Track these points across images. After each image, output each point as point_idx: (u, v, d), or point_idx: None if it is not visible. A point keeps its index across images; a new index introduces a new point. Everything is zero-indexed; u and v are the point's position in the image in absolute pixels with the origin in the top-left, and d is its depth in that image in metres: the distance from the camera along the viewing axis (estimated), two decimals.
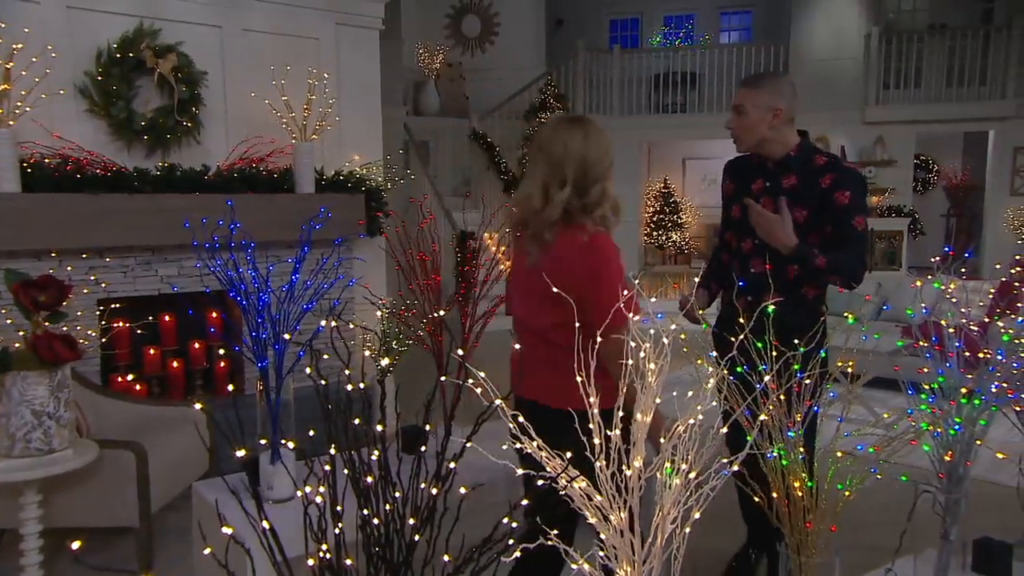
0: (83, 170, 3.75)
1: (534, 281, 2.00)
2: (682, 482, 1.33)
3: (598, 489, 1.35)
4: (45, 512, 2.82)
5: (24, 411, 2.66)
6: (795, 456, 1.55)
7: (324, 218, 2.63)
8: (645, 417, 1.19)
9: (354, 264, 4.58)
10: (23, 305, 2.75)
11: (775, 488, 1.52)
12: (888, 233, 9.89)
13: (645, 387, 1.18)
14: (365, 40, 4.90)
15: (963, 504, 1.84)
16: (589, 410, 1.10)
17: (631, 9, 13.74)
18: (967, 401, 1.69)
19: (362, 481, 0.95)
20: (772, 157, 2.67)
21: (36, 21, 3.70)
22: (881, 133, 10.34)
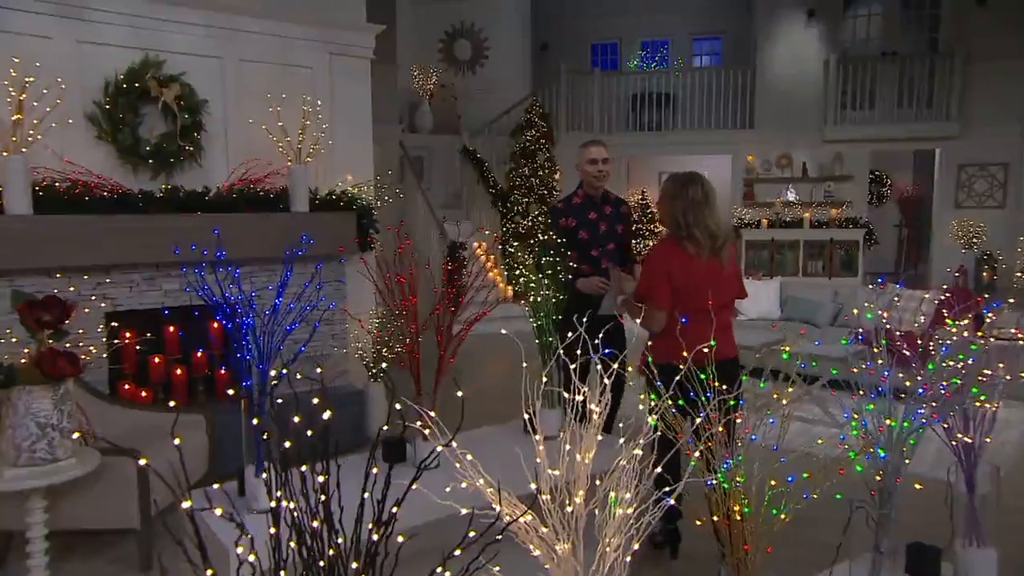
0: (91, 192, 3.71)
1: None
2: (624, 512, 1.31)
3: (544, 522, 1.33)
4: (51, 516, 2.79)
5: (29, 423, 2.62)
6: (736, 480, 1.53)
7: (306, 244, 2.59)
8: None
9: (347, 276, 4.54)
10: (28, 324, 2.72)
11: (716, 512, 1.50)
12: (845, 243, 9.91)
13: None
14: (357, 68, 4.86)
15: (893, 517, 1.83)
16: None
17: (611, 34, 13.73)
18: (896, 425, 1.68)
19: (306, 526, 0.92)
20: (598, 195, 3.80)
21: (48, 55, 3.66)
22: (839, 151, 10.37)
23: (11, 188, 3.44)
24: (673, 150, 11.61)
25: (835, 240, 9.91)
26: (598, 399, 1.33)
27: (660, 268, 2.86)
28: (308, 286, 2.41)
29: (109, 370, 3.81)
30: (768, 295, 6.92)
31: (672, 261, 2.84)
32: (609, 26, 13.59)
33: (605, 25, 13.57)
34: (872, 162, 10.76)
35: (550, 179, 10.04)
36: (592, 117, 11.19)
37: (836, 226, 9.96)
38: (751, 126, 10.87)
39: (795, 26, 10.75)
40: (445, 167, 10.57)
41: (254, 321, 2.26)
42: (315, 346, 4.42)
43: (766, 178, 10.84)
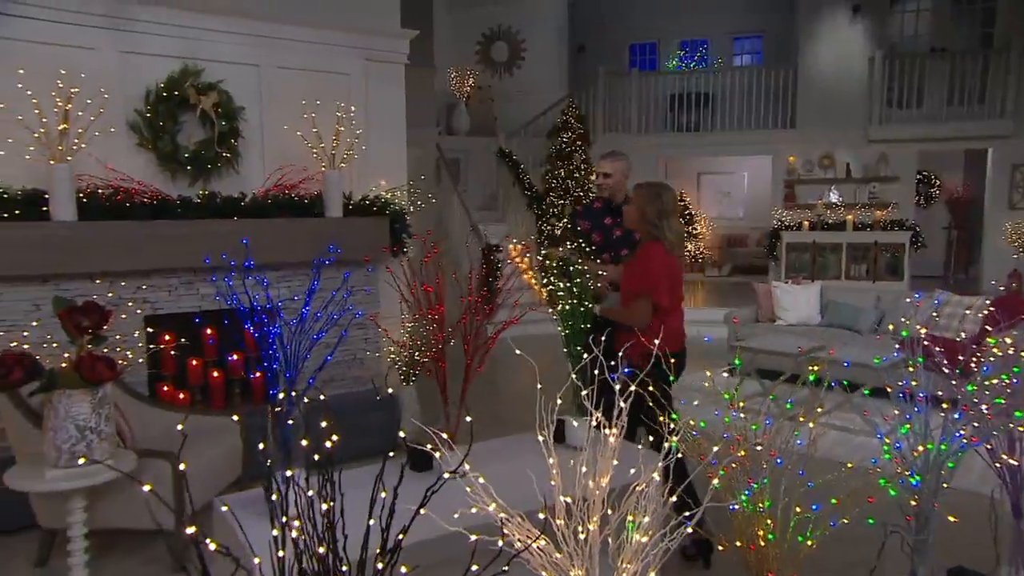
0: (132, 199, 3.79)
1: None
2: (641, 537, 1.28)
3: (558, 547, 1.30)
4: (89, 516, 2.85)
5: (69, 426, 2.69)
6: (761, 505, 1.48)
7: (334, 253, 2.60)
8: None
9: (379, 282, 4.56)
10: (68, 329, 2.78)
11: (740, 537, 1.45)
12: (891, 246, 9.62)
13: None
14: (391, 73, 4.89)
15: (931, 542, 1.75)
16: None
17: (649, 35, 13.59)
18: (932, 448, 1.60)
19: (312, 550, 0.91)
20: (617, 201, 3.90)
21: (92, 66, 3.75)
22: (884, 151, 10.07)
23: (57, 195, 3.53)
24: (712, 151, 11.44)
25: (880, 243, 9.62)
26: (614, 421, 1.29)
27: (660, 266, 3.13)
28: (335, 294, 2.42)
29: (148, 373, 3.89)
30: (808, 300, 6.74)
31: (666, 259, 3.17)
32: (647, 27, 13.44)
33: (643, 26, 13.42)
34: (919, 162, 10.42)
35: (586, 181, 9.96)
36: (629, 118, 11.08)
37: (881, 228, 9.67)
38: (792, 126, 10.63)
39: (839, 23, 10.48)
40: (481, 169, 10.58)
41: (281, 330, 2.27)
42: (349, 350, 4.46)
43: (808, 179, 10.58)
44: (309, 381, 2.20)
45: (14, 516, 3.29)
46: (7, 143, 3.50)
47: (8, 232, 3.41)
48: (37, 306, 3.56)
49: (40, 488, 2.71)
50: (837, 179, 10.42)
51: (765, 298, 6.90)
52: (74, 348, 2.78)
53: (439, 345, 2.44)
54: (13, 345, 3.28)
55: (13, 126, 3.46)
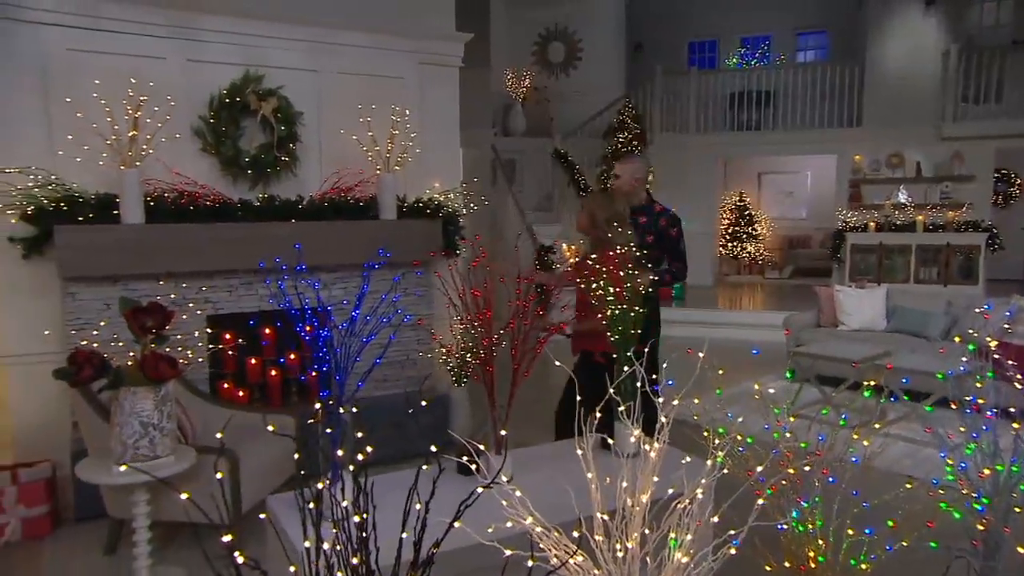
0: (196, 202, 3.92)
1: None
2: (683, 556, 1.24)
3: (597, 563, 1.27)
4: (153, 508, 2.97)
5: (133, 422, 2.80)
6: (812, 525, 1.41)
7: (384, 257, 2.63)
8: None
9: (431, 284, 4.59)
10: (133, 329, 2.90)
11: (788, 557, 1.39)
12: (965, 247, 9.16)
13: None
14: (445, 76, 4.92)
15: (1000, 569, 1.65)
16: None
17: (709, 32, 13.33)
18: (1003, 469, 1.50)
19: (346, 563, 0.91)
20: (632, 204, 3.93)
21: (160, 75, 3.89)
22: (958, 148, 9.60)
23: (126, 199, 3.68)
24: (773, 150, 11.15)
25: (952, 245, 9.18)
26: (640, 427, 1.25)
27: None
28: (385, 297, 2.44)
29: (209, 371, 4.02)
30: (873, 304, 6.47)
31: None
32: (707, 24, 13.18)
33: (702, 23, 13.17)
34: (997, 160, 9.89)
35: None
36: (687, 117, 10.90)
37: (954, 229, 9.22)
38: (859, 124, 10.25)
39: (911, 16, 10.05)
40: (537, 170, 10.58)
41: (331, 333, 2.30)
42: (402, 350, 4.51)
43: (875, 179, 10.18)
44: (358, 384, 2.22)
45: (88, 505, 3.44)
46: (83, 150, 3.66)
47: (82, 234, 3.57)
48: (108, 305, 3.72)
49: (106, 481, 2.84)
50: (906, 178, 9.99)
51: (827, 302, 6.66)
52: (139, 347, 2.90)
53: (486, 350, 2.43)
54: (84, 343, 3.44)
55: (89, 134, 3.62)
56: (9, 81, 3.63)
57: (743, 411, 1.80)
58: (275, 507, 2.39)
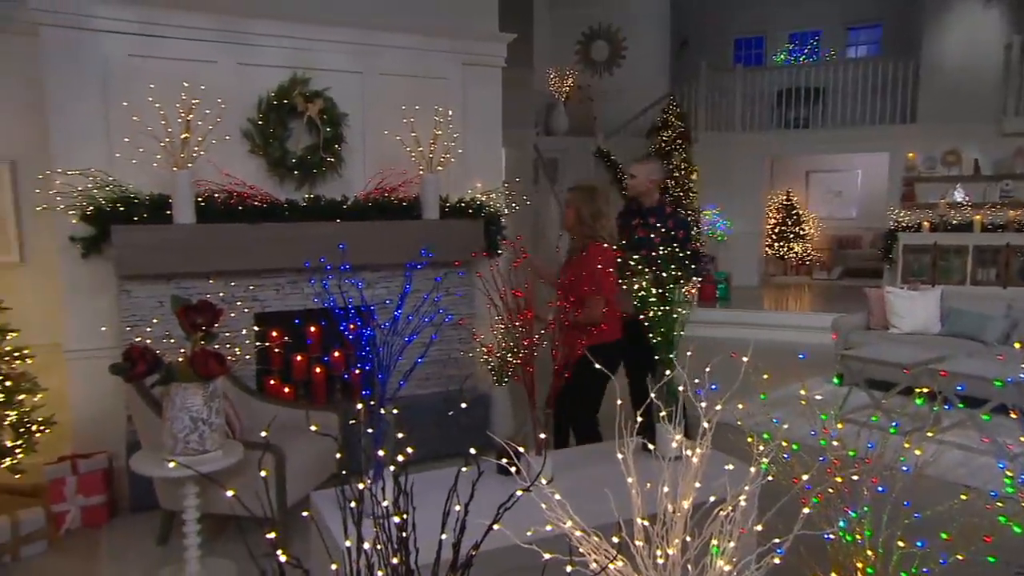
0: (244, 202, 4.01)
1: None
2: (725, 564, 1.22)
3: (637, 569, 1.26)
4: (202, 500, 3.05)
5: (184, 417, 2.88)
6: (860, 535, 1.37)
7: (426, 258, 2.65)
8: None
9: (472, 284, 4.61)
10: (184, 327, 2.98)
11: (834, 568, 1.36)
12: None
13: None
14: (488, 76, 4.93)
15: None
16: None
17: (755, 28, 13.08)
18: None
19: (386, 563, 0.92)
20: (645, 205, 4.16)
21: (211, 78, 4.00)
22: (1021, 145, 9.22)
23: (179, 200, 3.79)
24: (822, 148, 10.89)
25: (1012, 245, 8.80)
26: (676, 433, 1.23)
27: (607, 264, 3.42)
28: (427, 297, 2.46)
29: (257, 368, 4.11)
30: (926, 306, 6.26)
31: (609, 254, 3.47)
32: (754, 19, 12.94)
33: (749, 18, 12.94)
34: None
35: (687, 180, 9.71)
36: (733, 115, 10.71)
37: (1015, 229, 8.84)
38: (913, 120, 9.93)
39: (971, 7, 9.68)
40: (579, 169, 10.52)
41: (374, 332, 2.33)
42: (444, 349, 4.54)
43: (929, 176, 9.85)
44: (400, 383, 2.25)
45: (142, 496, 3.55)
46: (139, 152, 3.78)
47: (137, 234, 3.69)
48: (161, 303, 3.84)
49: (158, 473, 2.92)
50: (963, 176, 9.63)
51: (878, 304, 6.47)
52: (189, 344, 2.98)
53: (527, 350, 2.43)
54: (139, 340, 3.55)
55: (144, 137, 3.73)
56: (73, 87, 3.77)
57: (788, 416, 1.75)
58: (319, 503, 2.43)
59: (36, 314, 3.83)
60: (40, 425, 3.57)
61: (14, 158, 4.14)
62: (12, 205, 4.14)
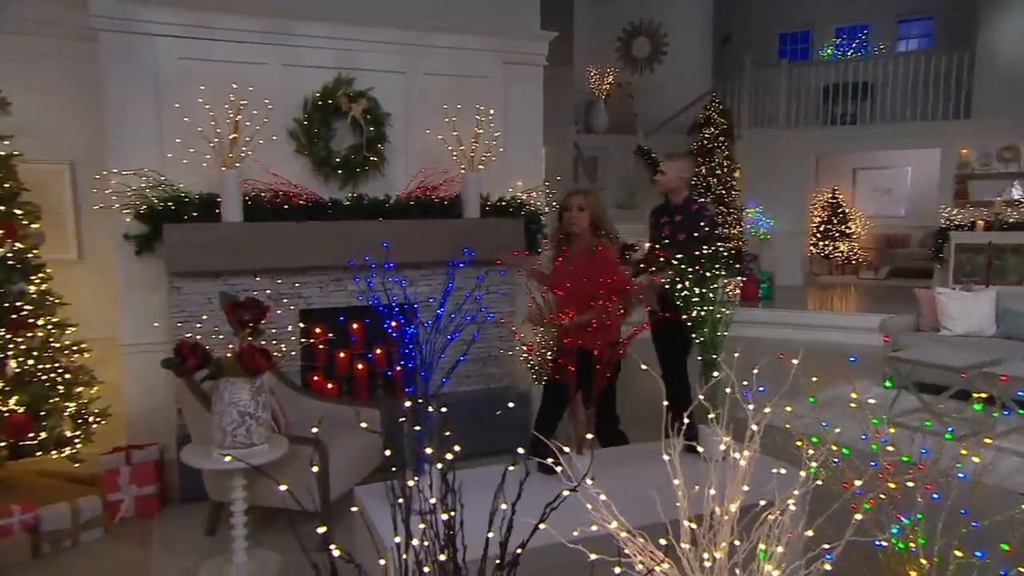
0: (290, 201, 4.09)
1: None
2: (773, 569, 1.20)
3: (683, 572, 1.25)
4: (249, 493, 3.11)
5: (232, 411, 2.94)
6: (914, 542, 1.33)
7: (468, 257, 2.66)
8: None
9: (514, 283, 4.61)
10: (232, 323, 3.05)
11: (887, 575, 1.32)
12: None
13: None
14: (530, 75, 4.93)
15: None
16: None
17: (801, 22, 12.80)
18: None
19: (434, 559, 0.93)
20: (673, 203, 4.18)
21: (259, 80, 4.08)
22: None
23: (227, 199, 3.88)
24: (870, 145, 10.61)
25: None
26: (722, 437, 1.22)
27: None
28: (469, 296, 2.47)
29: (301, 364, 4.18)
30: (980, 307, 6.06)
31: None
32: (800, 13, 12.67)
33: (795, 13, 12.67)
34: None
35: (729, 178, 9.57)
36: (777, 112, 10.50)
37: None
38: (967, 115, 9.61)
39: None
40: (619, 167, 10.47)
41: (417, 329, 2.35)
42: (484, 347, 4.56)
43: (984, 173, 9.51)
44: (443, 380, 2.26)
45: (191, 487, 3.65)
46: (189, 152, 3.88)
47: (187, 232, 3.79)
48: (209, 299, 3.93)
49: (207, 465, 3.00)
50: (1021, 172, 9.28)
51: (928, 305, 6.28)
52: (237, 340, 3.05)
53: (569, 349, 2.43)
54: (189, 335, 3.65)
55: (194, 137, 3.83)
56: (128, 90, 3.89)
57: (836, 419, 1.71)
58: (363, 498, 2.46)
59: (93, 309, 3.97)
60: (97, 417, 3.70)
61: (73, 159, 4.29)
62: (71, 204, 4.30)
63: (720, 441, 1.87)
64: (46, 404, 3.48)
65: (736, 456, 1.15)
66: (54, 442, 3.48)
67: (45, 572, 3.16)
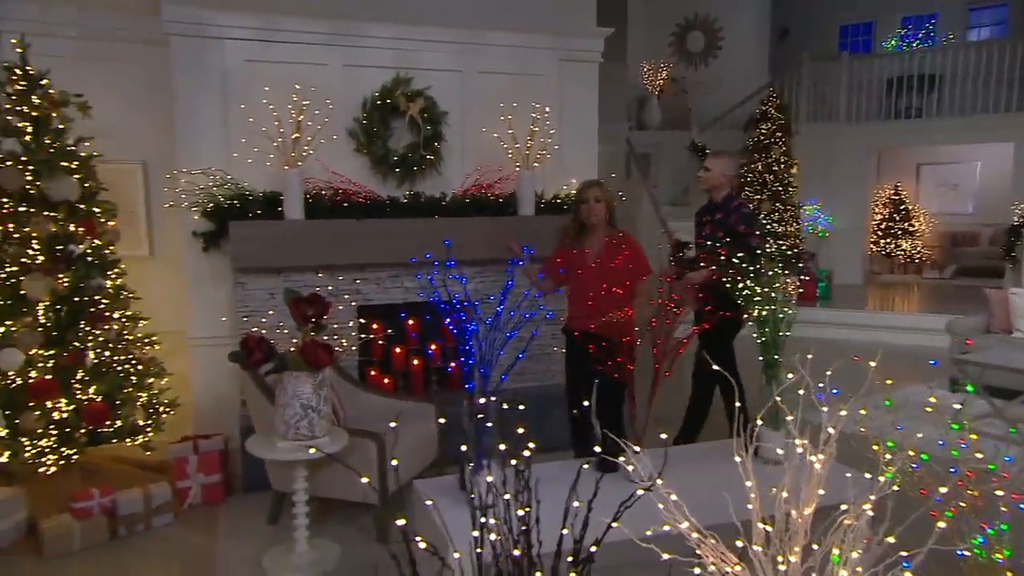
0: (349, 199, 4.17)
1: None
2: (850, 573, 1.18)
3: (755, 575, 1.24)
4: (311, 484, 3.20)
5: (295, 404, 3.02)
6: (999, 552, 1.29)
7: (528, 256, 2.67)
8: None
9: None
10: (296, 318, 3.13)
11: None
12: None
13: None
14: (585, 72, 4.91)
15: None
16: None
17: (864, 13, 12.39)
18: None
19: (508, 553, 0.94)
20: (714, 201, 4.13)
21: (321, 80, 4.17)
22: None
23: (289, 197, 3.98)
24: (937, 138, 10.20)
25: None
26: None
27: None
28: (528, 294, 2.48)
29: (359, 359, 4.26)
30: None
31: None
32: (863, 4, 12.27)
33: (857, 4, 12.27)
34: None
35: (786, 174, 9.34)
36: (838, 106, 10.20)
37: None
38: None
39: None
40: (672, 163, 10.33)
41: (478, 327, 2.37)
42: (540, 344, 4.56)
43: None
44: (502, 378, 2.28)
45: (254, 477, 3.76)
46: (254, 152, 3.99)
47: (252, 230, 3.90)
48: (272, 295, 4.04)
49: (271, 456, 3.08)
50: None
51: (999, 306, 6.02)
52: (300, 334, 3.13)
53: (628, 347, 2.42)
54: (254, 330, 3.76)
55: (259, 137, 3.94)
56: (197, 92, 4.03)
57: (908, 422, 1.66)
58: (426, 492, 2.50)
59: (163, 304, 4.12)
60: (166, 407, 3.85)
61: (145, 159, 4.47)
62: (143, 203, 4.48)
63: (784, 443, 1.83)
64: (121, 394, 3.64)
65: (812, 460, 1.13)
66: (128, 430, 3.63)
67: (121, 554, 3.30)
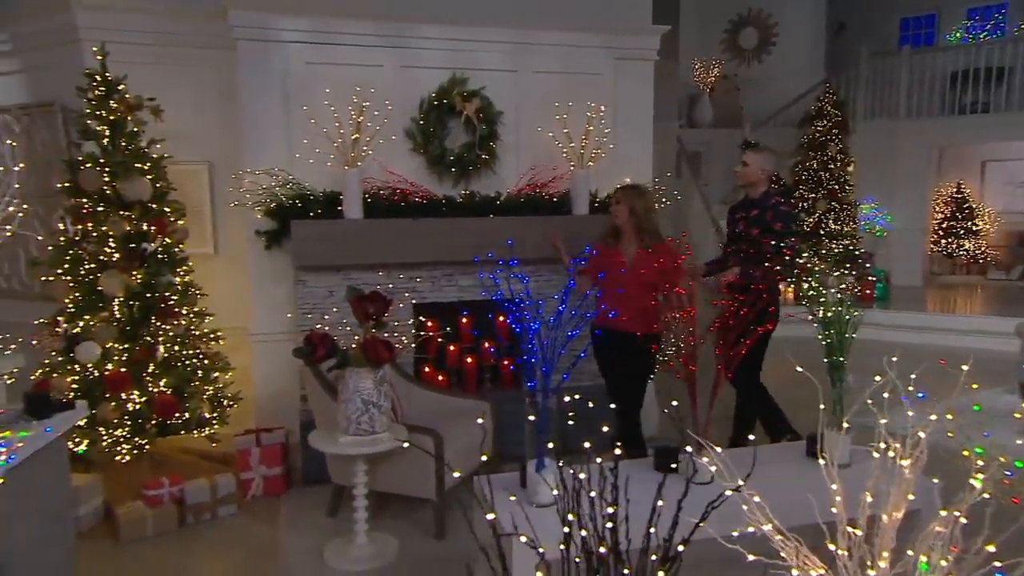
0: (406, 199, 4.23)
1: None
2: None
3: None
4: (370, 478, 3.26)
5: (356, 399, 3.09)
6: None
7: (588, 255, 2.67)
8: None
9: None
10: (357, 315, 3.19)
11: None
12: None
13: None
14: (640, 71, 4.87)
15: None
16: None
17: (926, 5, 11.98)
18: None
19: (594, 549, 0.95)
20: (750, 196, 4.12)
21: (379, 81, 4.23)
22: None
23: (349, 196, 4.06)
24: (1004, 133, 9.78)
25: None
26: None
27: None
28: (588, 295, 2.48)
29: (415, 356, 4.32)
30: None
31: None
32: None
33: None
34: None
35: (842, 173, 9.11)
36: (897, 102, 9.89)
37: None
38: None
39: None
40: (724, 162, 10.16)
41: (540, 325, 2.38)
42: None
43: None
44: (564, 376, 2.29)
45: (314, 470, 3.85)
46: (315, 152, 4.08)
47: (313, 228, 3.99)
48: (331, 292, 4.13)
49: (333, 450, 3.16)
50: None
51: None
52: (361, 331, 3.19)
53: (689, 348, 2.40)
54: (317, 327, 3.85)
55: (319, 138, 4.03)
56: (260, 94, 4.14)
57: (992, 428, 1.61)
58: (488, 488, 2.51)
59: (227, 300, 4.25)
60: (230, 400, 3.97)
61: (211, 160, 4.61)
62: (209, 202, 4.62)
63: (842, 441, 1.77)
64: (188, 387, 3.76)
65: (902, 464, 1.11)
66: (195, 422, 3.75)
67: (189, 541, 3.42)
